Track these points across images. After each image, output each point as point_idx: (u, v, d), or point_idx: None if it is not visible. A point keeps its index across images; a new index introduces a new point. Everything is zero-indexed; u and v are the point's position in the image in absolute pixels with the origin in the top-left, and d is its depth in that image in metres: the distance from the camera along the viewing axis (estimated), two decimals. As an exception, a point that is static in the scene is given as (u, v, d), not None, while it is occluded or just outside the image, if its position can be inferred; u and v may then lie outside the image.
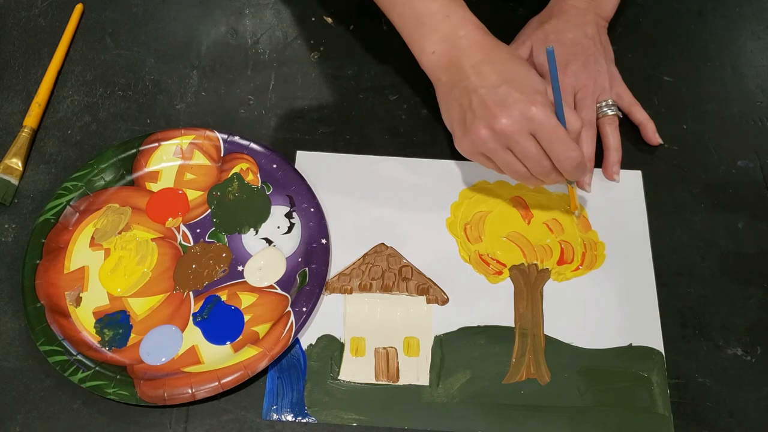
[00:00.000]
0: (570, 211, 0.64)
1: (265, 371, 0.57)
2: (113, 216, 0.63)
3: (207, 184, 0.65)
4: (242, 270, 0.61)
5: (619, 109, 0.68)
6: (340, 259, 0.62)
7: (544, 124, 0.54)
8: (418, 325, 0.59)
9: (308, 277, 0.60)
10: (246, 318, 0.59)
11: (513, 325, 0.59)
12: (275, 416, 0.55)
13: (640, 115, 0.68)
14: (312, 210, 0.63)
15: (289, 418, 0.55)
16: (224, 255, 0.62)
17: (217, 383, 0.55)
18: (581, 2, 0.69)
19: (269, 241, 0.62)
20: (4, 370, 0.57)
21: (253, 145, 0.66)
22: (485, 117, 0.55)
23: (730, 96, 0.72)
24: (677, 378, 0.57)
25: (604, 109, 0.66)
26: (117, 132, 0.69)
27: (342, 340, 0.59)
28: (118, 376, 0.55)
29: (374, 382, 0.57)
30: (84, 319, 0.59)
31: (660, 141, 0.68)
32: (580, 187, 0.65)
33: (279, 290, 0.60)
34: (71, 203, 0.63)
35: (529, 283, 0.61)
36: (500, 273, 0.62)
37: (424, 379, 0.57)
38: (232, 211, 0.64)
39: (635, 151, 0.68)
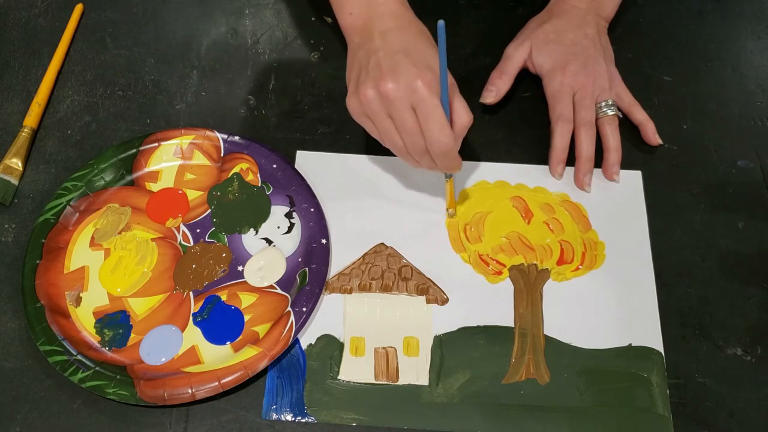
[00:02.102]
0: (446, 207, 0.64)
1: (265, 371, 0.57)
2: (113, 216, 0.63)
3: (207, 184, 0.65)
4: (242, 270, 0.61)
5: (619, 110, 0.68)
6: (340, 259, 0.62)
7: (425, 99, 0.53)
8: (418, 325, 0.59)
9: (308, 277, 0.60)
10: (246, 318, 0.59)
11: (513, 325, 0.59)
12: (275, 416, 0.55)
13: (640, 116, 0.68)
14: (312, 210, 0.63)
15: (289, 417, 0.55)
16: (224, 255, 0.62)
17: (217, 383, 0.55)
18: (582, 2, 0.69)
19: (269, 241, 0.62)
20: (4, 370, 0.57)
21: (253, 145, 0.66)
22: (375, 78, 0.55)
23: (730, 96, 0.72)
24: (677, 378, 0.57)
25: (604, 109, 0.66)
26: (117, 132, 0.69)
27: (342, 340, 0.59)
28: (118, 376, 0.55)
29: (374, 381, 0.57)
30: (84, 319, 0.59)
31: (660, 141, 0.68)
32: (579, 187, 0.65)
33: (279, 290, 0.60)
34: (71, 203, 0.63)
35: (528, 283, 0.61)
36: (500, 273, 0.62)
37: (423, 379, 0.57)
38: (232, 211, 0.64)
39: (635, 151, 0.68)
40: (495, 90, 0.69)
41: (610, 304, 0.60)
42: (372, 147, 0.68)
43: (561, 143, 0.66)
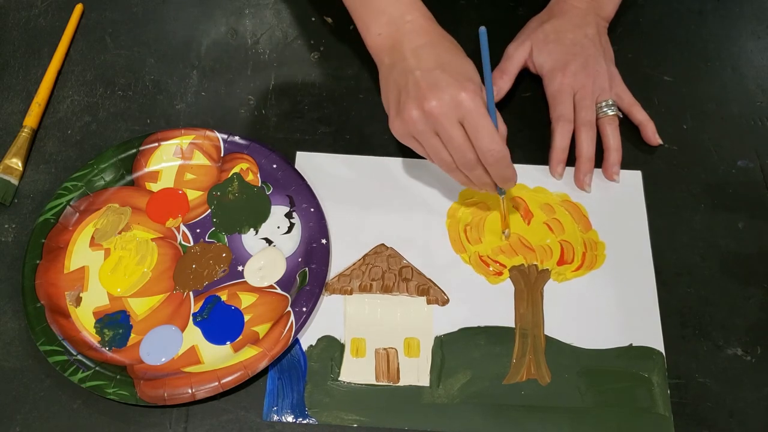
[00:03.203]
0: (501, 229, 0.64)
1: (265, 371, 0.57)
2: (113, 216, 0.63)
3: (207, 184, 0.65)
4: (242, 270, 0.61)
5: (619, 110, 0.68)
6: (340, 260, 0.62)
7: (472, 111, 0.54)
8: (419, 325, 0.59)
9: (308, 277, 0.60)
10: (246, 318, 0.59)
11: (513, 326, 0.59)
12: (275, 417, 0.55)
13: (640, 116, 0.68)
14: (312, 210, 0.63)
15: (290, 419, 0.55)
16: (224, 255, 0.62)
17: (217, 383, 0.55)
18: (582, 2, 0.69)
19: (269, 241, 0.62)
20: (4, 370, 0.57)
21: (253, 145, 0.66)
22: (417, 98, 0.55)
23: (730, 96, 0.72)
24: (677, 378, 0.57)
25: (604, 109, 0.66)
26: (117, 132, 0.69)
27: (342, 341, 0.58)
28: (118, 376, 0.55)
29: (375, 382, 0.57)
30: (84, 319, 0.59)
31: (660, 141, 0.68)
32: (580, 187, 0.65)
33: (279, 290, 0.60)
34: (71, 203, 0.63)
35: (529, 284, 0.61)
36: (500, 273, 0.62)
37: (424, 380, 0.57)
38: (232, 211, 0.64)
39: (635, 151, 0.68)
40: (496, 89, 0.69)
41: (611, 304, 0.60)
42: (372, 147, 0.68)
43: (561, 143, 0.66)
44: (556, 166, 0.66)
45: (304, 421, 0.55)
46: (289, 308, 0.58)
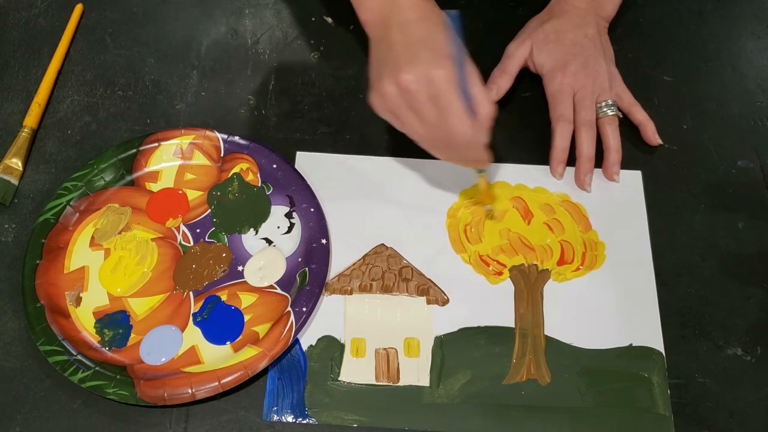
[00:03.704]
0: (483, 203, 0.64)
1: (265, 371, 0.57)
2: (113, 216, 0.63)
3: (207, 184, 0.65)
4: (242, 270, 0.61)
5: (619, 110, 0.68)
6: (340, 260, 0.62)
7: (442, 90, 0.53)
8: (419, 325, 0.59)
9: (308, 277, 0.60)
10: (246, 318, 0.59)
11: (513, 326, 0.59)
12: (275, 417, 0.55)
13: (640, 116, 0.68)
14: (312, 210, 0.63)
15: (290, 419, 0.55)
16: (224, 255, 0.62)
17: (217, 383, 0.55)
18: (582, 2, 0.69)
19: (269, 241, 0.62)
20: (4, 370, 0.57)
21: (253, 145, 0.66)
22: (394, 72, 0.54)
23: (730, 96, 0.72)
24: (677, 378, 0.57)
25: (604, 109, 0.66)
26: (117, 132, 0.69)
27: (342, 341, 0.59)
28: (118, 376, 0.55)
29: (375, 383, 0.57)
30: (84, 319, 0.59)
31: (660, 141, 0.68)
32: (580, 187, 0.65)
33: (279, 290, 0.60)
34: (71, 203, 0.63)
35: (529, 284, 0.61)
36: (500, 273, 0.62)
37: (424, 380, 0.57)
38: (232, 211, 0.64)
39: (635, 151, 0.68)
40: (496, 88, 0.69)
41: (611, 304, 0.60)
42: (372, 147, 0.68)
43: (562, 143, 0.66)
44: (556, 166, 0.66)
45: (304, 421, 0.55)
46: (289, 308, 0.58)
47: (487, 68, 0.72)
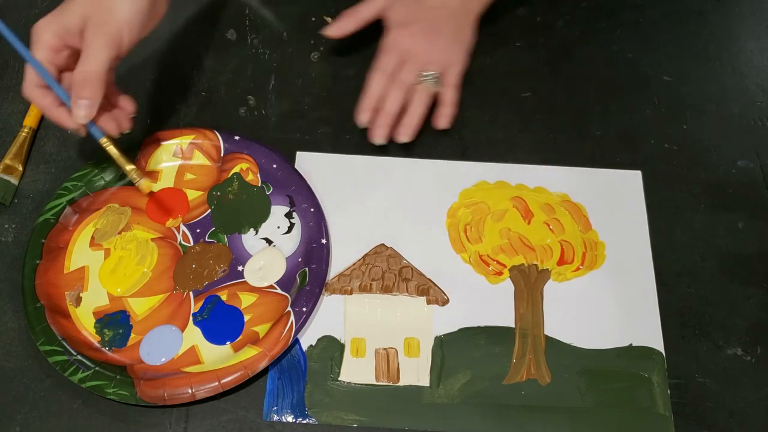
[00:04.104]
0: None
1: (265, 371, 0.57)
2: (113, 216, 0.63)
3: (207, 184, 0.65)
4: (242, 270, 0.61)
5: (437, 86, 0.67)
6: (340, 260, 0.62)
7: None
8: (419, 325, 0.59)
9: (308, 277, 0.60)
10: (246, 318, 0.59)
11: (513, 326, 0.59)
12: (276, 417, 0.55)
13: (447, 96, 0.67)
14: (312, 210, 0.63)
15: (290, 419, 0.55)
16: (224, 255, 0.62)
17: (217, 383, 0.55)
18: None
19: (269, 241, 0.62)
20: (4, 370, 0.57)
21: (253, 145, 0.66)
22: None
23: (730, 96, 0.72)
24: (677, 378, 0.57)
25: (424, 80, 0.66)
26: (117, 132, 0.68)
27: (342, 341, 0.59)
28: (118, 376, 0.55)
29: (375, 383, 0.57)
30: (84, 319, 0.59)
31: (444, 126, 0.67)
32: (370, 137, 0.65)
33: (279, 290, 0.60)
34: (71, 203, 0.63)
35: (529, 284, 0.61)
36: (500, 273, 0.62)
37: (424, 380, 0.57)
38: (232, 211, 0.64)
39: (635, 151, 0.68)
40: (339, 26, 0.69)
41: (611, 304, 0.60)
42: (372, 147, 0.68)
43: (373, 92, 0.66)
44: (361, 112, 0.66)
45: (304, 421, 0.55)
46: (289, 308, 0.58)
47: (487, 68, 0.72)
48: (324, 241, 0.61)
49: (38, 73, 0.55)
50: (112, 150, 0.59)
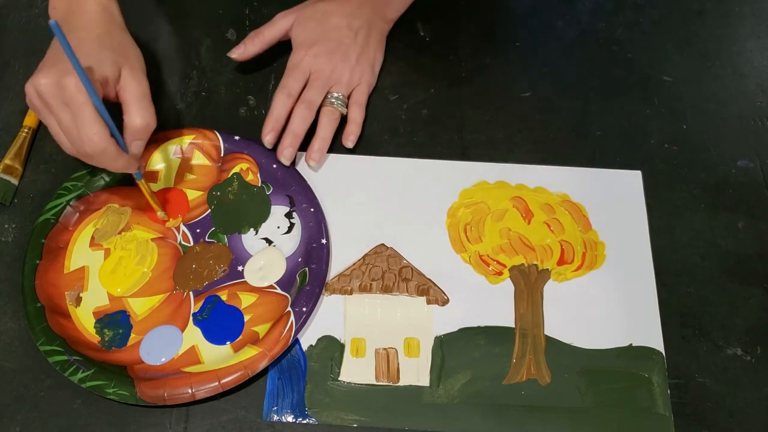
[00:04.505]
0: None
1: (265, 371, 0.57)
2: (113, 216, 0.63)
3: (207, 184, 0.65)
4: (242, 270, 0.61)
5: (346, 108, 0.68)
6: (340, 260, 0.62)
7: (74, 97, 0.52)
8: (419, 325, 0.59)
9: (308, 277, 0.60)
10: (246, 318, 0.59)
11: (513, 326, 0.59)
12: (275, 417, 0.55)
13: (353, 114, 0.67)
14: (312, 210, 0.63)
15: (290, 419, 0.55)
16: (224, 255, 0.62)
17: (217, 383, 0.55)
18: None
19: (269, 241, 0.62)
20: (4, 370, 0.57)
21: (253, 145, 0.66)
22: (35, 73, 0.54)
23: (730, 96, 0.72)
24: (677, 378, 0.57)
25: (331, 100, 0.66)
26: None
27: (342, 341, 0.59)
28: (118, 376, 0.55)
29: (375, 383, 0.57)
30: (84, 319, 0.59)
31: (349, 145, 0.67)
32: (278, 156, 0.65)
33: (279, 290, 0.60)
34: (71, 203, 0.63)
35: (529, 284, 0.61)
36: (500, 273, 0.62)
37: (424, 380, 0.57)
38: (232, 211, 0.64)
39: (635, 151, 0.68)
40: (243, 49, 0.69)
41: (611, 304, 0.60)
42: (372, 147, 0.68)
43: (277, 112, 0.65)
44: (266, 134, 0.65)
45: (304, 421, 0.55)
46: (289, 308, 0.58)
47: (487, 68, 0.72)
48: (324, 241, 0.61)
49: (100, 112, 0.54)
50: (148, 189, 0.61)
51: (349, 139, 0.67)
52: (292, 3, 0.77)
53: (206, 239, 0.63)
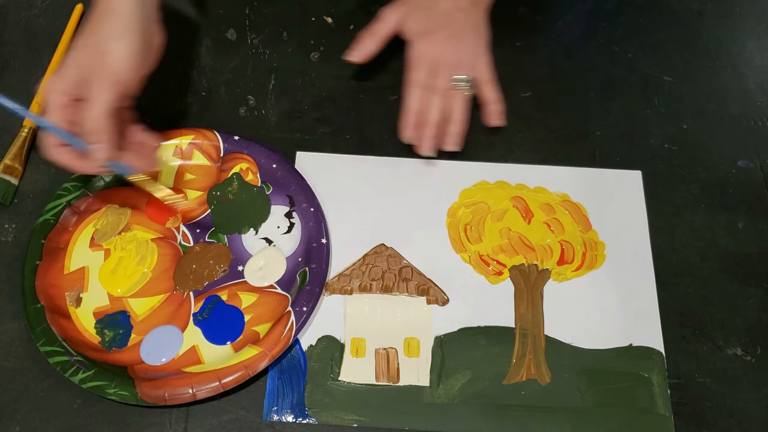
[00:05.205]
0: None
1: (265, 371, 0.57)
2: (113, 216, 0.63)
3: (207, 184, 0.65)
4: (242, 270, 0.61)
5: (472, 88, 0.67)
6: (340, 260, 0.62)
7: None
8: (419, 325, 0.59)
9: (308, 277, 0.60)
10: (246, 318, 0.59)
11: (513, 326, 0.59)
12: (276, 417, 0.55)
13: (488, 94, 0.67)
14: (312, 210, 0.63)
15: (290, 419, 0.55)
16: (224, 255, 0.62)
17: (217, 383, 0.55)
18: None
19: (269, 241, 0.62)
20: (4, 370, 0.57)
21: (253, 145, 0.66)
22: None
23: (730, 96, 0.72)
24: (677, 378, 0.57)
25: (457, 83, 0.66)
26: (117, 132, 0.68)
27: (342, 341, 0.59)
28: (118, 377, 0.55)
29: (375, 382, 0.57)
30: (84, 320, 0.59)
31: (499, 123, 0.67)
32: (417, 149, 0.65)
33: (279, 290, 0.60)
34: (71, 204, 0.63)
35: (529, 284, 0.61)
36: (500, 273, 0.62)
37: (424, 380, 0.57)
38: (232, 211, 0.64)
39: (635, 151, 0.68)
40: (361, 49, 0.68)
41: (611, 304, 0.60)
42: (372, 147, 0.68)
43: (412, 106, 0.65)
44: (405, 129, 0.65)
45: (304, 421, 0.55)
46: (289, 308, 0.58)
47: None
48: (324, 240, 0.61)
49: (54, 133, 0.55)
50: (144, 183, 0.61)
51: (495, 118, 0.67)
52: (291, 3, 0.77)
53: (206, 239, 0.63)
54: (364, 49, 0.68)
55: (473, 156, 0.67)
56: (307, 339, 0.58)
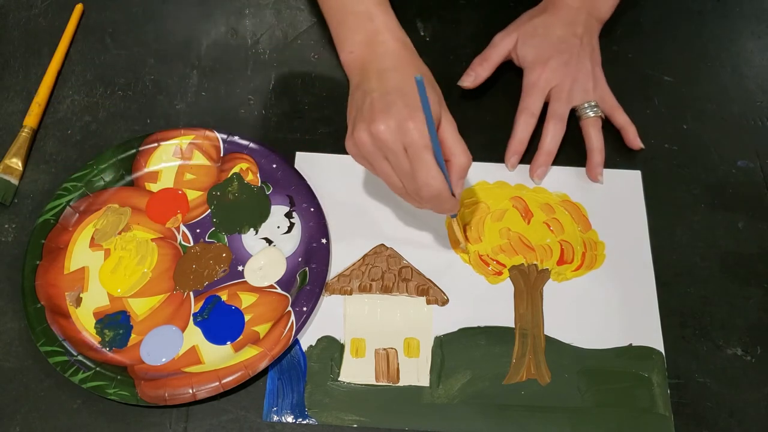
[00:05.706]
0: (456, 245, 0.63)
1: (265, 371, 0.57)
2: (113, 216, 0.63)
3: (207, 184, 0.65)
4: (242, 270, 0.61)
5: (603, 112, 0.68)
6: (340, 260, 0.62)
7: (415, 141, 0.52)
8: (418, 326, 0.59)
9: (308, 277, 0.60)
10: (246, 318, 0.59)
11: (513, 326, 0.59)
12: (275, 417, 0.55)
13: (621, 119, 0.68)
14: (312, 210, 0.63)
15: (290, 419, 0.55)
16: (224, 255, 0.62)
17: (217, 383, 0.55)
18: (575, 1, 0.69)
19: (269, 241, 0.62)
20: (4, 370, 0.57)
21: (252, 145, 0.66)
22: (368, 119, 0.54)
23: (730, 96, 0.72)
24: (677, 378, 0.57)
25: (587, 111, 0.66)
26: (117, 132, 0.69)
27: (342, 342, 0.59)
28: (118, 377, 0.55)
29: (374, 383, 0.57)
30: (84, 320, 0.59)
31: (641, 145, 0.67)
32: (531, 177, 0.65)
33: (279, 290, 0.60)
34: (71, 204, 0.63)
35: (529, 284, 0.61)
36: (500, 273, 0.62)
37: (424, 380, 0.57)
38: (232, 211, 0.64)
39: (635, 151, 0.68)
40: (474, 75, 0.69)
41: (611, 304, 0.60)
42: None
43: (521, 135, 0.66)
44: (510, 156, 0.66)
45: (304, 422, 0.55)
46: (289, 308, 0.58)
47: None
48: (324, 240, 0.61)
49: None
50: (458, 226, 0.61)
51: (635, 141, 0.67)
52: (289, 4, 0.77)
53: (206, 239, 0.63)
54: (477, 75, 0.69)
55: (473, 156, 0.67)
56: (307, 339, 0.58)
